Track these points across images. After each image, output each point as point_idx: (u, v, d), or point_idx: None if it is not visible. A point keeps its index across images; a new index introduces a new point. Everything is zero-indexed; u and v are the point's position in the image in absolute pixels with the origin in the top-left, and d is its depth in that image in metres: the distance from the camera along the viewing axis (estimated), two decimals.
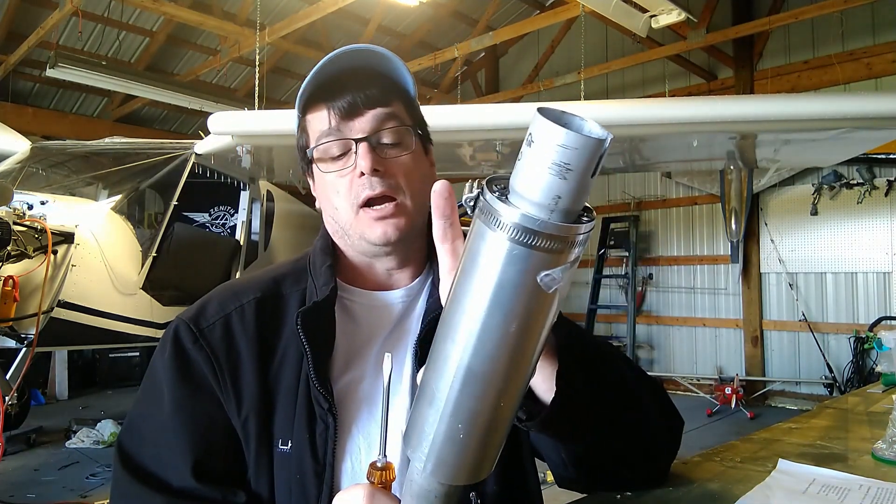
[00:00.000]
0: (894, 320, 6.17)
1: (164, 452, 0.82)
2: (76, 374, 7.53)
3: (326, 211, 0.91)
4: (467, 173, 7.10)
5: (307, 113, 0.88)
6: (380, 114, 0.85)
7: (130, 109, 8.39)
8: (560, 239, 0.46)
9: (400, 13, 8.05)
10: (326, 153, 0.86)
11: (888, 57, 6.34)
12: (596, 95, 8.11)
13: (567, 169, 0.43)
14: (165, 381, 0.84)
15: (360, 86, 0.85)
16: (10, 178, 4.54)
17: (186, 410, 0.83)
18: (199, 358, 0.84)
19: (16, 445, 5.06)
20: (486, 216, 0.48)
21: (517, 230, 0.45)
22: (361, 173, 0.83)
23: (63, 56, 5.99)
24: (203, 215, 5.92)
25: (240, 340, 0.85)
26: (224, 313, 0.87)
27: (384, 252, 0.89)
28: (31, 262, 3.66)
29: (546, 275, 0.47)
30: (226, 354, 0.84)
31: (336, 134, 0.85)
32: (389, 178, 0.85)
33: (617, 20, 5.05)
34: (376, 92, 0.86)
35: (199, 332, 0.85)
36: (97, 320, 4.05)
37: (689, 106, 3.79)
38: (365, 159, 0.83)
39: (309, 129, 0.88)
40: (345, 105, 0.84)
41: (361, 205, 0.84)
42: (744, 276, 7.29)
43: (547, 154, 0.43)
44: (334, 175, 0.86)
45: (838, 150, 4.37)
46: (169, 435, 0.83)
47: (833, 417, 1.46)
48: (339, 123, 0.85)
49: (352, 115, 0.85)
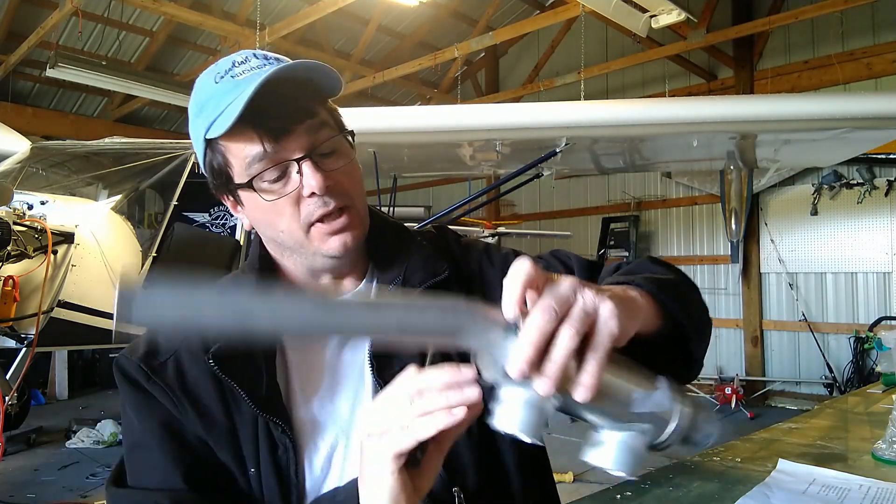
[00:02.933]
0: (894, 320, 6.16)
1: (151, 469, 0.81)
2: (76, 374, 7.53)
3: (266, 234, 0.88)
4: (467, 173, 7.11)
5: (223, 136, 0.79)
6: (310, 126, 0.81)
7: (130, 109, 8.39)
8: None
9: (400, 13, 8.04)
10: (262, 179, 0.80)
11: (888, 57, 6.34)
12: (596, 95, 8.11)
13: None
14: (134, 413, 0.83)
15: (284, 100, 0.79)
16: (10, 178, 4.54)
17: (163, 428, 0.81)
18: (157, 393, 0.82)
19: (16, 445, 5.06)
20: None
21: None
22: (312, 193, 0.79)
23: (63, 56, 5.98)
24: (203, 215, 5.91)
25: (191, 375, 0.82)
26: (173, 350, 0.83)
27: (340, 264, 0.87)
28: (31, 262, 3.66)
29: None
30: (182, 390, 0.81)
31: (272, 158, 0.79)
32: (340, 191, 0.82)
33: (617, 20, 5.04)
34: (302, 103, 0.81)
35: (150, 370, 0.82)
36: (97, 320, 4.04)
37: (689, 106, 3.79)
38: (314, 179, 0.79)
39: (229, 153, 0.81)
40: (275, 126, 0.78)
41: (313, 223, 0.82)
42: (744, 276, 7.29)
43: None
44: (276, 200, 0.81)
45: (838, 150, 4.37)
46: (154, 454, 0.81)
47: (833, 417, 1.46)
48: (273, 146, 0.78)
49: (285, 135, 0.79)
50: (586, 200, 8.74)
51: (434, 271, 0.90)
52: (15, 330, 3.71)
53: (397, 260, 0.92)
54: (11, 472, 4.54)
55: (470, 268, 0.97)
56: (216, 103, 0.78)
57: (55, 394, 7.21)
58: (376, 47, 8.62)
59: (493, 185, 6.38)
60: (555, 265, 0.97)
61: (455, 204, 5.37)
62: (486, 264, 0.97)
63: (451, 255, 0.96)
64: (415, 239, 0.95)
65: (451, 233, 1.04)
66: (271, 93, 0.76)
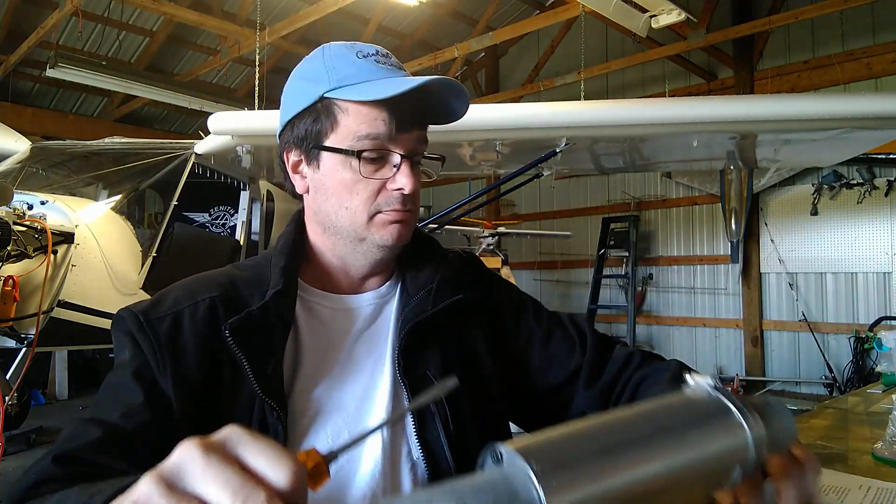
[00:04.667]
0: (894, 320, 6.16)
1: (110, 407, 0.76)
2: (76, 374, 7.52)
3: (324, 206, 0.88)
4: (467, 173, 7.10)
5: (354, 102, 0.83)
6: (421, 136, 0.87)
7: (130, 109, 8.39)
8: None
9: (400, 13, 8.05)
10: (368, 154, 0.85)
11: (888, 57, 6.34)
12: (596, 95, 8.11)
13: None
14: (117, 360, 0.81)
15: (416, 101, 0.83)
16: (10, 178, 4.54)
17: (136, 378, 0.77)
18: (144, 344, 0.79)
19: (16, 445, 5.05)
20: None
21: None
22: (398, 189, 0.85)
23: (63, 56, 5.99)
24: (203, 215, 5.91)
25: (187, 339, 0.80)
26: (176, 309, 0.82)
27: (385, 254, 0.90)
28: (31, 262, 3.66)
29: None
30: (170, 347, 0.79)
31: (386, 142, 0.84)
32: (415, 199, 0.88)
33: (617, 20, 5.04)
34: (428, 113, 0.88)
35: (146, 321, 0.80)
36: (97, 320, 4.04)
37: (689, 106, 3.78)
38: (409, 179, 0.84)
39: (347, 116, 0.84)
40: (406, 118, 0.84)
41: (381, 211, 0.86)
42: (744, 276, 7.29)
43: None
44: (359, 177, 0.84)
45: (838, 150, 4.37)
46: (120, 394, 0.77)
47: (833, 417, 1.46)
48: (394, 133, 0.84)
49: (407, 129, 0.85)
50: (586, 200, 8.74)
51: (464, 291, 0.93)
52: (15, 330, 3.71)
53: (429, 269, 0.95)
54: (11, 472, 4.53)
55: (493, 296, 1.01)
56: (358, 73, 0.83)
57: (55, 394, 7.21)
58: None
59: (493, 185, 6.38)
60: (570, 333, 1.00)
61: (455, 204, 5.37)
62: (506, 297, 1.02)
63: (478, 279, 1.01)
64: (446, 255, 0.99)
65: (479, 261, 1.08)
66: (420, 91, 0.81)
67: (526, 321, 0.99)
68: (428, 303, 0.90)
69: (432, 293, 0.91)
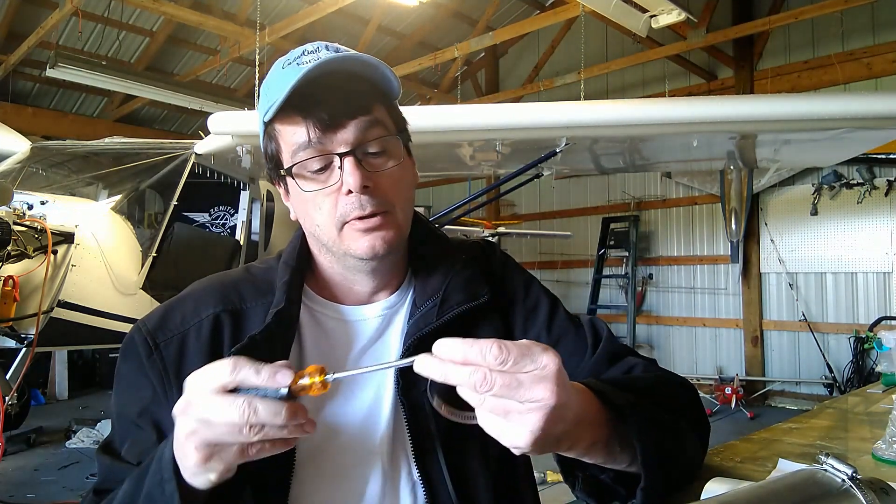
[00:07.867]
0: (894, 320, 6.16)
1: (132, 443, 0.82)
2: (76, 374, 7.53)
3: (305, 227, 0.87)
4: (467, 173, 7.10)
5: (276, 121, 0.80)
6: (362, 122, 0.79)
7: (130, 109, 8.39)
8: None
9: (400, 13, 8.05)
10: (305, 168, 0.80)
11: (888, 57, 6.34)
12: (596, 95, 8.11)
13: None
14: (126, 384, 0.84)
15: (339, 92, 0.78)
16: (10, 178, 4.54)
17: (144, 411, 0.82)
18: (152, 371, 0.82)
19: (16, 445, 5.06)
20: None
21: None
22: (349, 191, 0.78)
23: (63, 56, 5.98)
24: (203, 215, 5.91)
25: (192, 360, 0.81)
26: (183, 329, 0.83)
27: (370, 267, 0.85)
28: (31, 262, 3.66)
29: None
30: (176, 371, 0.81)
31: (316, 148, 0.78)
32: (379, 194, 0.80)
33: (617, 20, 5.04)
34: (357, 98, 0.80)
35: (154, 346, 0.82)
36: (97, 320, 4.04)
37: (689, 106, 3.78)
38: (353, 176, 0.77)
39: (280, 138, 0.81)
40: (324, 116, 0.77)
41: (347, 221, 0.80)
42: (744, 276, 7.29)
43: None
44: (315, 192, 0.80)
45: (838, 150, 4.37)
46: (133, 430, 0.82)
47: (833, 417, 1.46)
48: (318, 136, 0.77)
49: (333, 127, 0.78)
50: (586, 200, 8.74)
51: (474, 295, 0.88)
52: (15, 330, 3.70)
53: (438, 276, 0.89)
54: (11, 472, 4.54)
55: (507, 294, 0.94)
56: (276, 88, 0.78)
57: (55, 394, 7.21)
58: (376, 47, 8.61)
59: (493, 185, 6.38)
60: (584, 338, 0.93)
61: (455, 204, 5.37)
62: (520, 296, 0.95)
63: (493, 278, 0.94)
64: (459, 256, 0.93)
65: (498, 251, 1.00)
66: (328, 84, 0.77)
67: (535, 325, 0.93)
68: (433, 314, 0.85)
69: (438, 303, 0.86)
